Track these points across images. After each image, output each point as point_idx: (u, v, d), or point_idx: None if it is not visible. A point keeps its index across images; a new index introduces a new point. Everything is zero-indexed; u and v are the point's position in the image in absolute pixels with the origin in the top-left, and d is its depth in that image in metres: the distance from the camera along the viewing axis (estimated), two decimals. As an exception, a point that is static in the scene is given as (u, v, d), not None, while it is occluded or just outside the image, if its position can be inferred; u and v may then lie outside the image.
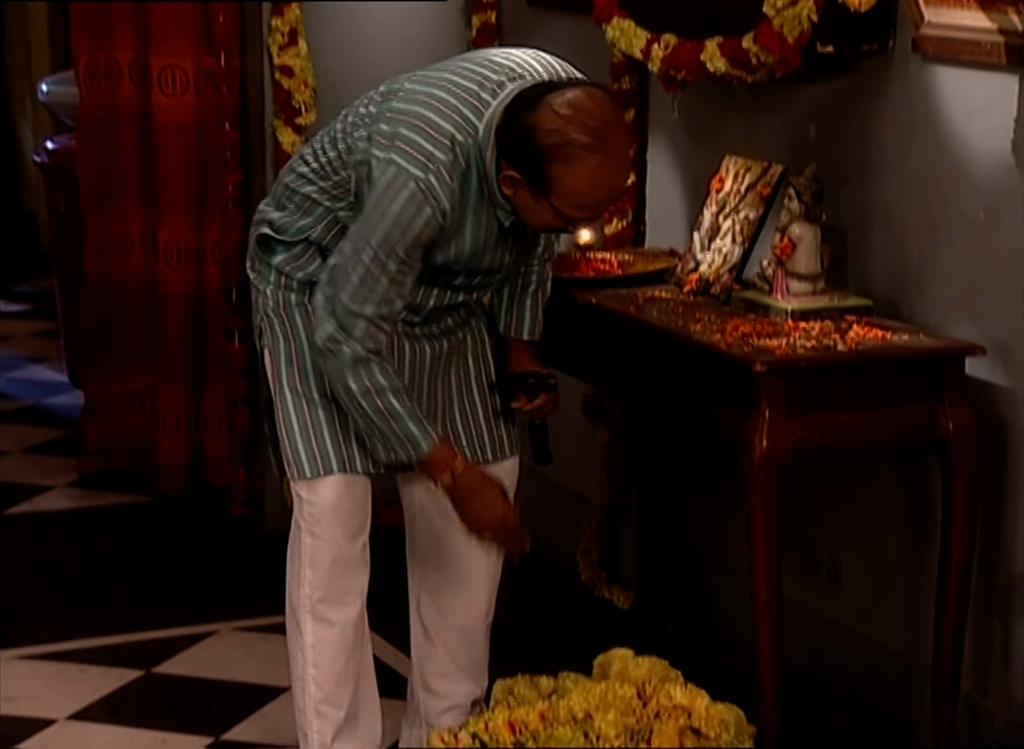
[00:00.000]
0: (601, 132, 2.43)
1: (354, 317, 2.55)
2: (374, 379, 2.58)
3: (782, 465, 2.70)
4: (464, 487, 2.65)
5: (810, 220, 2.95)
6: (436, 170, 2.48)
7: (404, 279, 2.56)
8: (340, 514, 2.73)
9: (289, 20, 4.01)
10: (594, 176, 2.45)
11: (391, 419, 2.60)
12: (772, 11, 2.90)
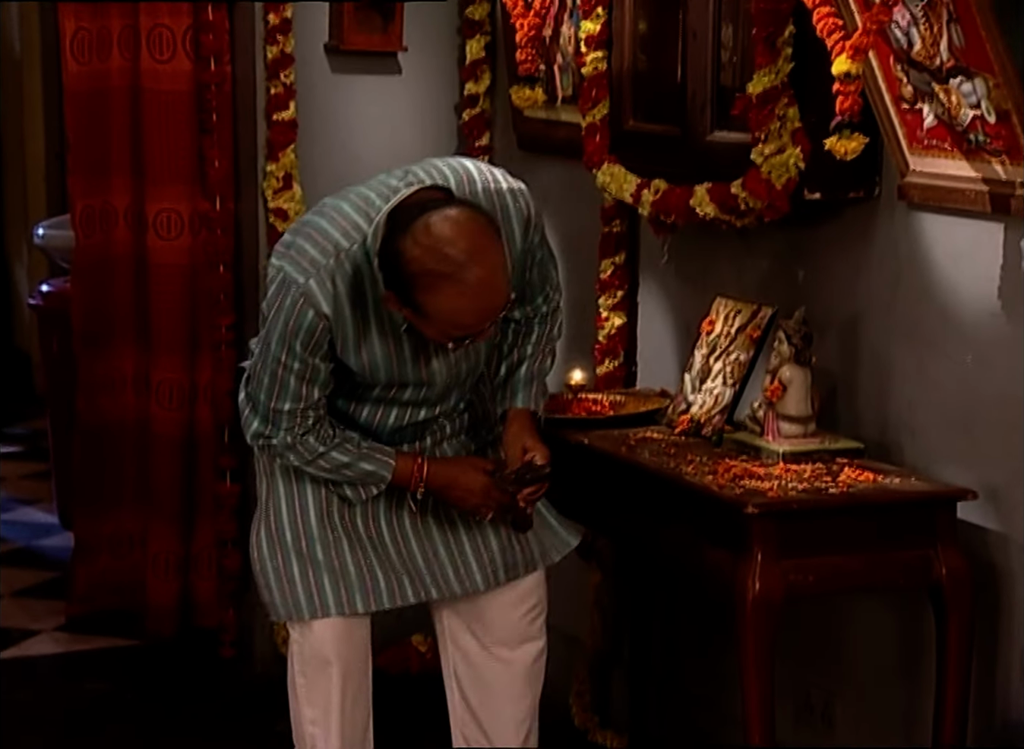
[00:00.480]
0: (459, 261, 2.46)
1: (274, 413, 2.68)
2: (312, 450, 2.70)
3: (775, 608, 2.68)
4: (438, 486, 2.73)
5: (800, 363, 2.97)
6: (317, 274, 2.57)
7: (312, 375, 2.64)
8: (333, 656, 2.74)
9: (284, 165, 4.08)
10: (457, 302, 2.49)
11: (344, 469, 2.71)
12: (760, 158, 2.96)
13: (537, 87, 3.83)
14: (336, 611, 2.74)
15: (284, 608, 2.77)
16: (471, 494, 2.73)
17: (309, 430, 2.68)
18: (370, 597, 2.76)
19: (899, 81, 2.75)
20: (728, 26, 3.16)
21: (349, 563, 2.76)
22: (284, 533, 2.78)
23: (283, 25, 4.02)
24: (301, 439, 2.68)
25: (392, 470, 2.70)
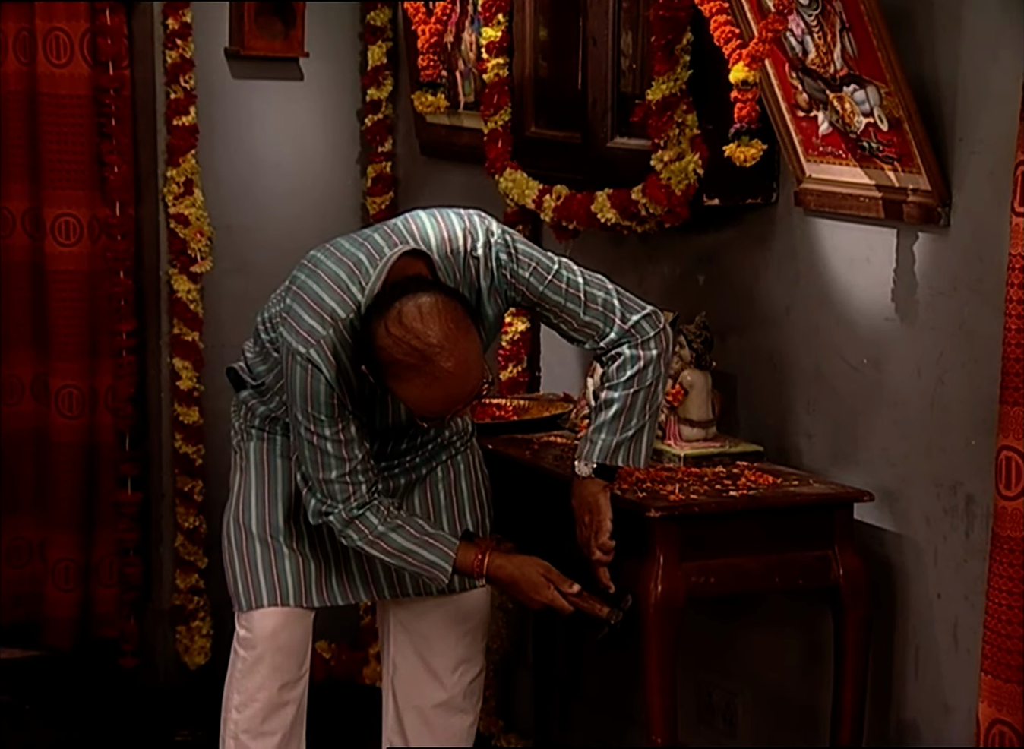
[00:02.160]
0: (427, 354, 2.45)
1: (326, 484, 2.66)
2: (373, 529, 2.69)
3: (677, 611, 2.71)
4: (503, 582, 2.74)
5: (701, 367, 3.01)
6: (317, 344, 2.57)
7: (345, 435, 2.63)
8: (274, 647, 2.77)
9: (184, 170, 4.05)
10: (424, 392, 2.49)
11: (405, 555, 2.71)
12: (660, 165, 2.99)
13: (439, 93, 3.84)
14: (295, 601, 2.79)
15: (246, 597, 2.80)
16: (531, 600, 2.73)
17: (366, 504, 2.67)
18: (324, 592, 2.82)
19: (794, 89, 2.79)
20: (628, 33, 3.19)
21: (309, 558, 2.80)
22: (251, 523, 2.82)
23: (183, 29, 3.99)
24: (359, 514, 2.67)
25: (454, 562, 2.70)
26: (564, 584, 2.69)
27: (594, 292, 2.69)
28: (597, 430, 2.69)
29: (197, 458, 4.15)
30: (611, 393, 2.68)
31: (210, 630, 4.15)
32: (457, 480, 2.91)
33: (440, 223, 2.63)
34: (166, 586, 4.19)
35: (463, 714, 2.96)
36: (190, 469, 4.15)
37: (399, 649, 2.95)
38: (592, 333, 2.69)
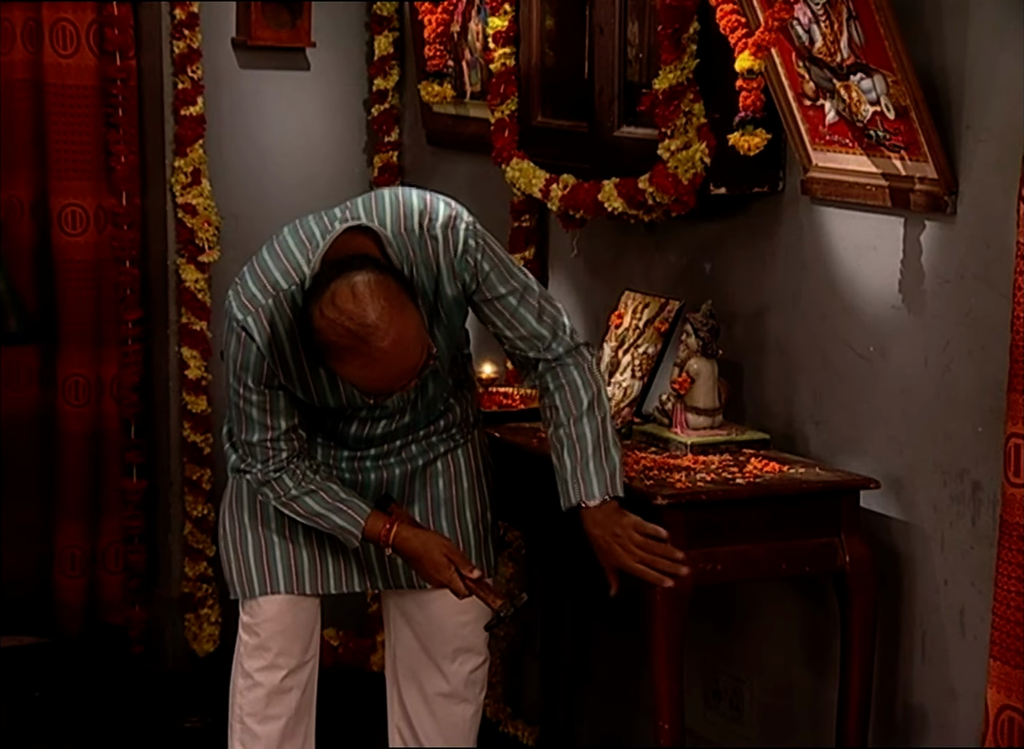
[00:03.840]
0: (360, 334, 2.44)
1: (248, 445, 2.73)
2: (287, 491, 2.73)
3: (684, 597, 2.72)
4: (406, 555, 2.75)
5: (707, 355, 3.02)
6: (255, 312, 2.60)
7: (271, 405, 2.67)
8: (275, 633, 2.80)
9: (192, 160, 4.06)
10: (363, 372, 2.49)
11: (316, 518, 2.75)
12: (667, 154, 2.99)
13: (446, 83, 3.86)
14: (285, 588, 2.81)
15: (239, 585, 2.84)
16: (434, 575, 2.73)
17: (283, 468, 2.71)
18: (318, 580, 2.84)
19: (801, 78, 2.79)
20: (634, 22, 3.20)
21: (302, 545, 2.82)
22: (243, 513, 2.85)
23: (190, 20, 4.00)
24: (275, 476, 2.72)
25: (362, 529, 2.72)
26: (466, 568, 2.70)
27: (549, 308, 2.72)
28: (584, 467, 2.66)
29: (205, 446, 4.16)
30: (580, 427, 2.68)
31: (219, 618, 4.16)
32: (458, 474, 2.91)
33: (399, 200, 2.64)
34: (175, 574, 4.21)
35: (465, 703, 2.97)
36: (199, 457, 4.17)
37: (400, 638, 2.96)
38: (538, 344, 2.70)
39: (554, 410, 2.71)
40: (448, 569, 2.70)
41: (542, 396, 2.75)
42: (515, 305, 2.69)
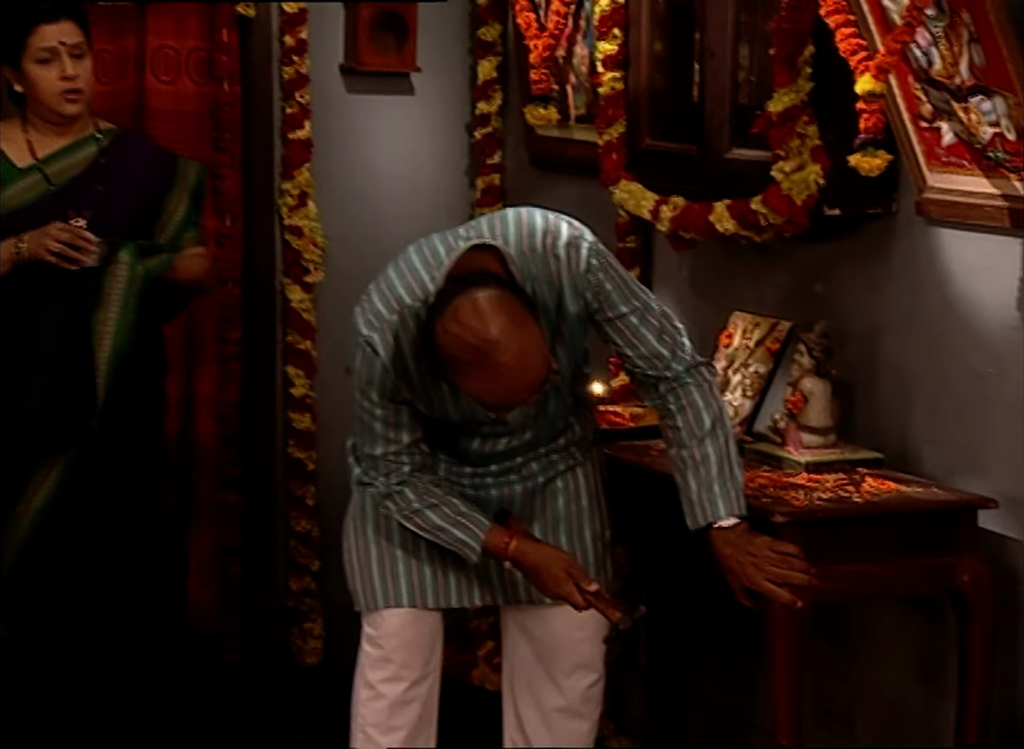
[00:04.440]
0: (483, 349, 2.49)
1: (371, 459, 2.79)
2: (408, 505, 2.78)
3: (804, 616, 2.73)
4: (525, 568, 2.78)
5: (821, 375, 3.04)
6: (380, 329, 2.66)
7: (395, 418, 2.73)
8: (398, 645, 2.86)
9: (299, 183, 4.14)
10: (485, 385, 2.54)
11: (438, 532, 2.79)
12: (780, 175, 3.02)
13: (551, 106, 3.92)
14: (408, 602, 2.86)
15: (364, 597, 2.90)
16: (553, 588, 2.76)
17: (406, 481, 2.76)
18: (440, 594, 2.89)
19: (918, 100, 2.82)
20: (745, 46, 3.24)
21: (424, 559, 2.87)
22: (367, 527, 2.90)
23: (299, 46, 4.08)
24: (398, 490, 2.77)
25: (482, 543, 2.77)
26: (584, 581, 2.73)
27: (669, 327, 2.76)
28: (709, 487, 2.69)
29: (309, 463, 4.23)
30: (704, 448, 2.71)
31: (322, 631, 4.23)
32: (577, 492, 2.95)
33: (523, 220, 2.69)
34: (279, 588, 4.27)
35: (581, 719, 3.01)
36: (302, 474, 4.23)
37: (518, 653, 3.01)
38: (658, 363, 2.74)
39: (676, 431, 2.75)
40: (567, 582, 2.73)
41: (663, 417, 2.78)
42: (636, 324, 2.73)
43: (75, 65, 3.39)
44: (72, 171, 3.47)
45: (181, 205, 3.56)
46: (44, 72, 3.39)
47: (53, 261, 3.37)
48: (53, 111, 3.43)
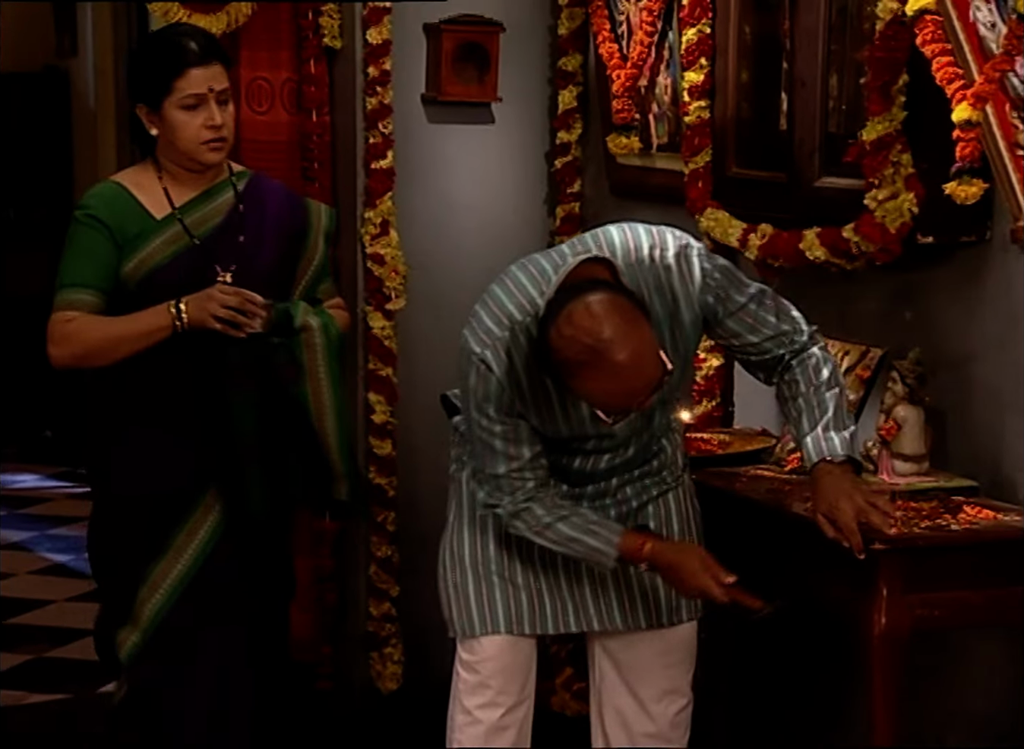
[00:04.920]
0: (598, 349, 2.51)
1: (495, 479, 2.78)
2: (538, 520, 2.78)
3: (902, 643, 2.74)
4: (662, 566, 2.78)
5: (914, 402, 3.05)
6: (492, 346, 2.68)
7: (513, 434, 2.74)
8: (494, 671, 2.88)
9: (381, 212, 4.18)
10: (601, 386, 2.55)
11: (571, 543, 2.79)
12: (874, 203, 3.04)
13: (633, 135, 3.95)
14: (505, 628, 2.88)
15: (459, 624, 2.92)
16: (685, 586, 2.77)
17: (532, 497, 2.77)
18: (536, 620, 2.90)
19: (1015, 128, 2.82)
20: (834, 74, 3.26)
21: (520, 586, 2.89)
22: (464, 553, 2.93)
23: (382, 77, 4.12)
24: (525, 507, 2.78)
25: (618, 549, 2.77)
26: (721, 573, 2.73)
27: (783, 304, 2.84)
28: (826, 428, 2.75)
29: (390, 489, 4.26)
30: (820, 394, 2.78)
31: (402, 656, 4.25)
32: (668, 518, 2.96)
33: (627, 234, 2.74)
34: (360, 613, 4.30)
35: (669, 745, 3.01)
36: (383, 500, 4.26)
37: (606, 679, 3.02)
38: (783, 339, 2.81)
39: (794, 384, 2.80)
40: (705, 574, 2.73)
41: (782, 374, 2.82)
42: (755, 310, 2.79)
43: (221, 112, 3.10)
44: (212, 221, 3.16)
45: (317, 251, 3.29)
46: (189, 118, 3.07)
47: (218, 328, 3.04)
48: (193, 159, 3.11)
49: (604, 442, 2.83)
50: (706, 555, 2.77)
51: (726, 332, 2.79)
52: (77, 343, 3.08)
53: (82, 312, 3.07)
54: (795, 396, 2.80)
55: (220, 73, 3.12)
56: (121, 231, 3.09)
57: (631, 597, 2.92)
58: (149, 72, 3.10)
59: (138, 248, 3.09)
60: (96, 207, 3.12)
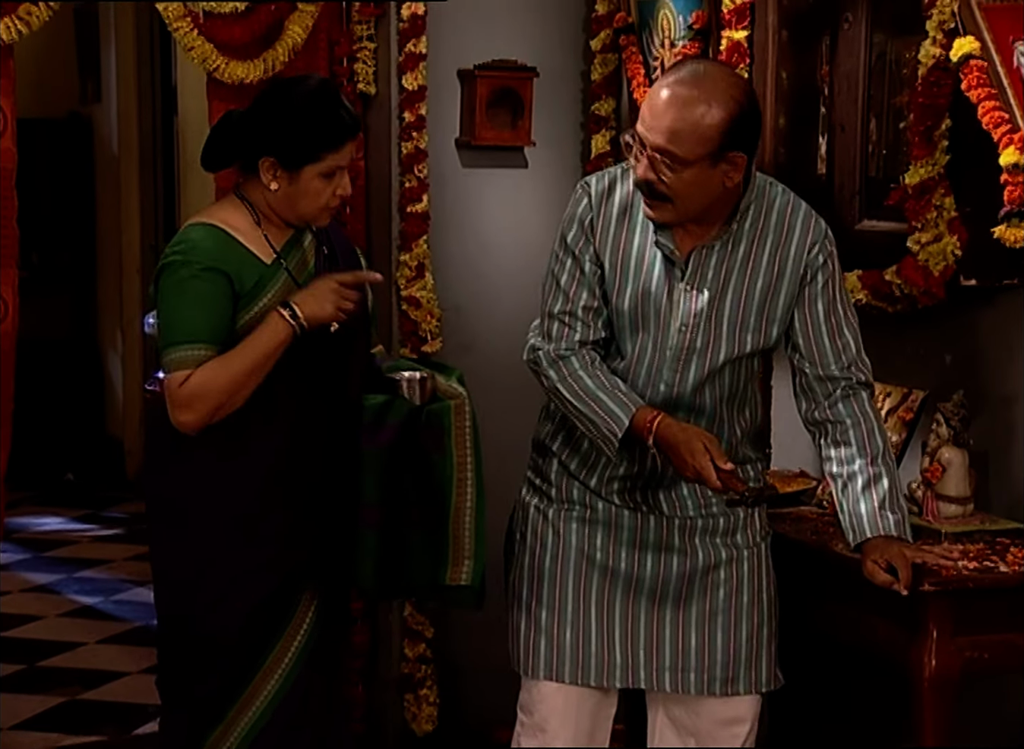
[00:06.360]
0: (675, 69, 2.71)
1: (548, 319, 2.88)
2: (573, 371, 2.84)
3: (952, 685, 2.74)
4: (666, 442, 2.75)
5: (958, 444, 3.06)
6: (599, 175, 2.90)
7: (580, 274, 2.85)
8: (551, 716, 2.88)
9: (417, 255, 4.20)
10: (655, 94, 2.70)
11: (591, 401, 2.79)
12: (916, 246, 3.06)
13: (667, 179, 3.96)
14: (545, 674, 2.88)
15: (524, 663, 2.92)
16: (686, 465, 2.72)
17: (574, 350, 2.84)
18: (579, 671, 2.88)
19: (1059, 172, 2.85)
20: (873, 119, 3.29)
21: (567, 634, 2.87)
22: (522, 590, 2.93)
23: (418, 122, 4.16)
24: (564, 354, 2.84)
25: (631, 416, 2.75)
26: (720, 459, 2.71)
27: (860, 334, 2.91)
28: (881, 506, 2.79)
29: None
30: (877, 468, 2.82)
31: (437, 698, 4.24)
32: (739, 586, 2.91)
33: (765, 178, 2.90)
34: (394, 655, 4.29)
35: None
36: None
37: (665, 738, 2.99)
38: (844, 359, 2.87)
39: (847, 448, 2.82)
40: (704, 456, 2.70)
41: (832, 425, 2.85)
42: (843, 316, 2.85)
43: (349, 182, 2.98)
44: (308, 266, 3.00)
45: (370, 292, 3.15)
46: (324, 186, 2.92)
47: (343, 319, 2.90)
48: (306, 220, 2.97)
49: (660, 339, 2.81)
50: (712, 439, 2.74)
51: (811, 315, 2.82)
52: (206, 400, 2.83)
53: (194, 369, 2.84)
54: (847, 460, 2.82)
55: (355, 145, 3.01)
56: (239, 280, 2.89)
57: (686, 660, 2.88)
58: (301, 136, 2.90)
59: (256, 296, 2.90)
60: (209, 256, 2.88)
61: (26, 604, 5.54)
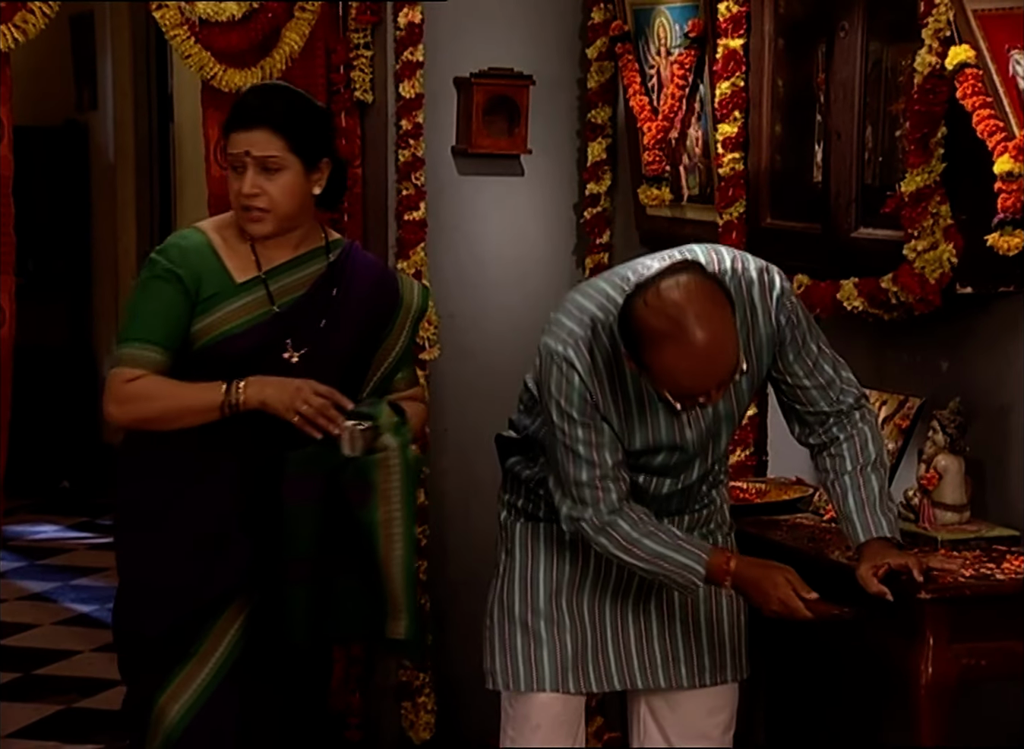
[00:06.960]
0: (682, 323, 2.51)
1: (576, 488, 2.73)
2: (627, 536, 2.74)
3: (949, 692, 2.74)
4: (747, 581, 2.74)
5: (955, 452, 3.06)
6: (575, 344, 2.67)
7: (596, 439, 2.71)
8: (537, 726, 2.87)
9: (414, 262, 4.21)
10: (678, 362, 2.54)
11: (659, 561, 2.74)
12: (913, 254, 3.06)
13: (664, 186, 3.99)
14: (551, 687, 2.87)
15: (503, 677, 2.91)
16: (769, 599, 2.73)
17: (617, 511, 2.72)
18: (580, 679, 2.89)
19: (1054, 180, 2.86)
20: (869, 127, 3.29)
21: (568, 643, 2.88)
22: (514, 606, 2.92)
23: (415, 130, 4.16)
24: (610, 520, 2.72)
25: (705, 564, 2.72)
26: (804, 589, 2.71)
27: (839, 358, 2.88)
28: (873, 508, 2.80)
29: (421, 538, 4.26)
30: (867, 475, 2.82)
31: (434, 706, 4.24)
32: None
33: (709, 250, 2.78)
34: (391, 662, 4.29)
35: None
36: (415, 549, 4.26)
37: (649, 737, 3.00)
38: (833, 396, 2.84)
39: (840, 459, 2.83)
40: (786, 587, 2.70)
41: (826, 445, 2.85)
42: (816, 353, 2.82)
43: (259, 179, 2.88)
44: (296, 290, 2.94)
45: (403, 336, 3.04)
46: (232, 182, 2.92)
47: (294, 422, 2.80)
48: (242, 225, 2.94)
49: (674, 457, 2.79)
50: (790, 570, 2.73)
51: (786, 366, 2.81)
52: (140, 408, 2.87)
53: (146, 371, 2.86)
54: (841, 472, 2.83)
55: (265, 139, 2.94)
56: (198, 286, 2.89)
57: (675, 655, 2.92)
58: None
59: (209, 310, 2.89)
60: (174, 258, 2.91)
61: (22, 612, 5.54)
